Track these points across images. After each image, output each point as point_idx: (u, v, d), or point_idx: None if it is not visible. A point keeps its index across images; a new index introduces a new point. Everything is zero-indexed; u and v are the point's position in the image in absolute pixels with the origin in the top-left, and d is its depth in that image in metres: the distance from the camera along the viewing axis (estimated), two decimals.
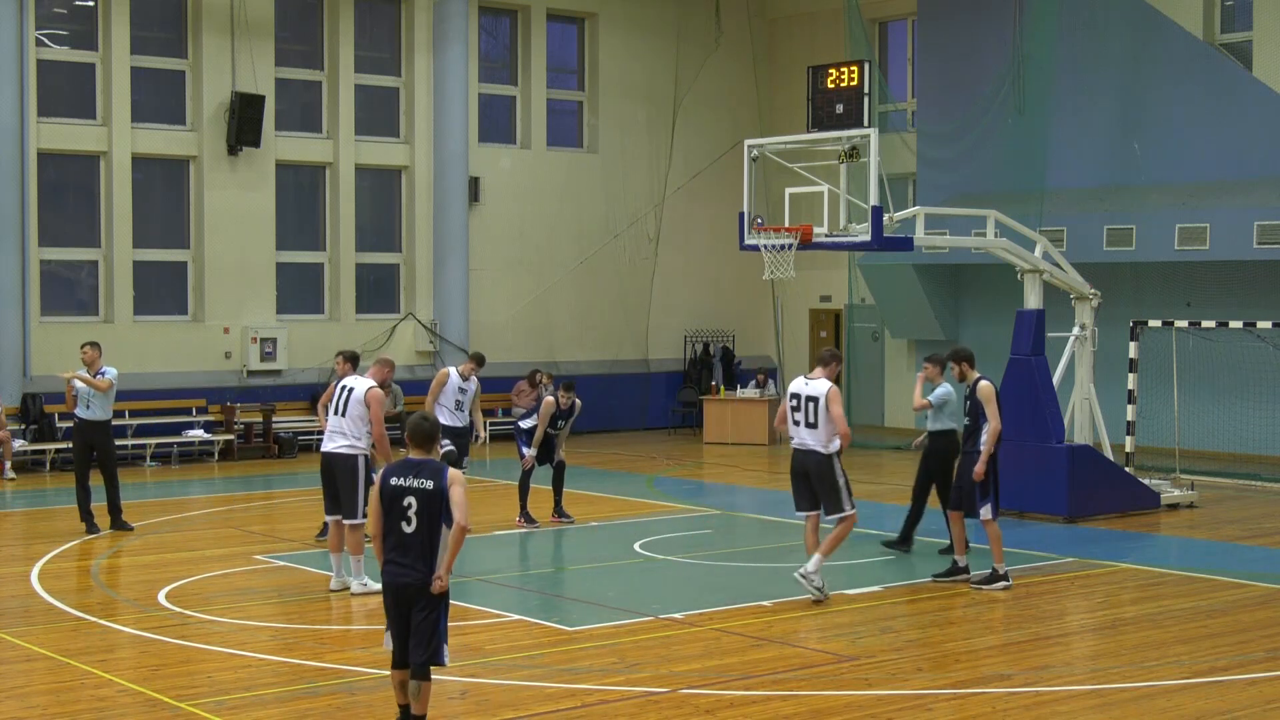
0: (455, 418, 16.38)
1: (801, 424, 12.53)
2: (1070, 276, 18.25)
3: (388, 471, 8.49)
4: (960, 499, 13.58)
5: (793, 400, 12.59)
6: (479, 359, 17.04)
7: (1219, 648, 11.14)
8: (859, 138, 16.07)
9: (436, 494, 8.29)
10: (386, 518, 8.38)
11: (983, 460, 13.25)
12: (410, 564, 8.31)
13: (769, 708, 9.48)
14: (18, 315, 22.73)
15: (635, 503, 19.21)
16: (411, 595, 8.35)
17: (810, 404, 12.48)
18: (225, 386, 24.63)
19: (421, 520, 8.31)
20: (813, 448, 12.54)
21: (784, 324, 29.83)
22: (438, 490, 8.30)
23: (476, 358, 17.06)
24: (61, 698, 9.74)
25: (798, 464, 12.68)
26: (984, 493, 13.31)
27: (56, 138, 23.61)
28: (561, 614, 12.40)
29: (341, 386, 13.17)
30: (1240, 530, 17.07)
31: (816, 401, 12.46)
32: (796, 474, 12.73)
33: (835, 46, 27.14)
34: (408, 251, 27.00)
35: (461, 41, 26.63)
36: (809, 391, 12.54)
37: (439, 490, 8.30)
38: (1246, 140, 22.83)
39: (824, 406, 12.44)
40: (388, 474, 8.46)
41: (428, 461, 8.42)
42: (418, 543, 8.31)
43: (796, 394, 12.60)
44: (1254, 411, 22.25)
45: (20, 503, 19.46)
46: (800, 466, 12.65)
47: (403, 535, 8.33)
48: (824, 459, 12.53)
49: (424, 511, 8.30)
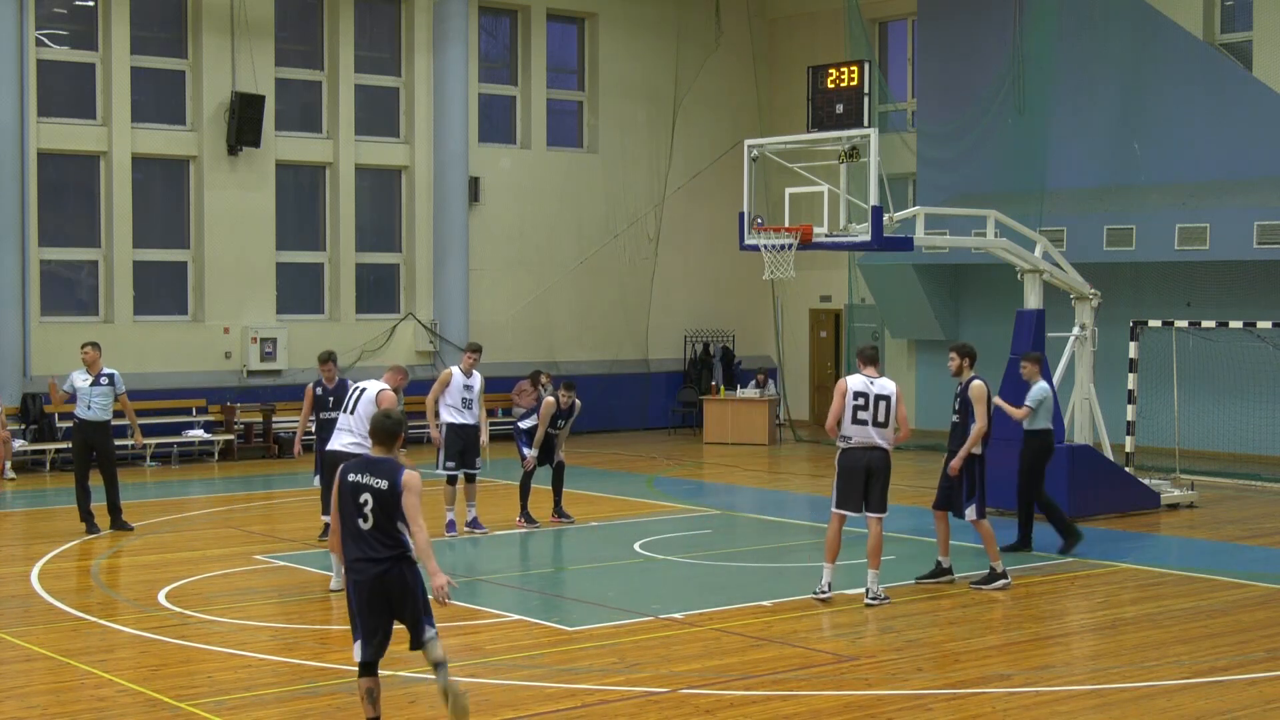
0: (464, 415, 16.23)
1: (870, 422, 12.51)
2: (1070, 276, 18.25)
3: (346, 468, 8.48)
4: (945, 498, 13.56)
5: (859, 399, 12.52)
6: (475, 348, 16.70)
7: (1219, 648, 11.14)
8: (859, 138, 16.07)
9: (391, 494, 8.26)
10: (343, 514, 8.38)
11: (959, 458, 13.25)
12: (372, 557, 8.27)
13: (769, 708, 9.48)
14: (18, 315, 22.73)
15: (635, 503, 19.21)
16: (388, 585, 8.30)
17: (881, 402, 12.51)
18: (225, 386, 24.63)
19: (377, 518, 8.28)
20: (882, 445, 12.59)
21: (784, 324, 29.83)
22: (392, 490, 8.26)
23: (473, 347, 16.74)
24: (61, 698, 9.74)
25: (860, 462, 12.57)
26: (969, 493, 13.31)
27: (56, 138, 23.62)
28: (561, 614, 12.40)
29: (356, 388, 13.23)
30: (1240, 530, 17.08)
31: (888, 400, 12.53)
32: (855, 471, 12.59)
33: (835, 46, 27.14)
34: (408, 251, 27.01)
35: (461, 41, 26.64)
36: (878, 390, 12.56)
37: (394, 490, 8.25)
38: (1246, 140, 22.83)
39: (894, 405, 12.55)
40: (346, 470, 8.46)
41: (386, 460, 8.38)
42: (374, 539, 8.29)
43: (863, 393, 12.54)
44: (1254, 411, 22.26)
45: (20, 503, 19.46)
46: (864, 464, 12.57)
47: (359, 531, 8.31)
48: (889, 456, 12.67)
49: (379, 509, 8.27)
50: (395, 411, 8.83)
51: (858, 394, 12.54)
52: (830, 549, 12.73)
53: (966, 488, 13.31)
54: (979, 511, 13.29)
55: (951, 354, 13.74)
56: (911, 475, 21.45)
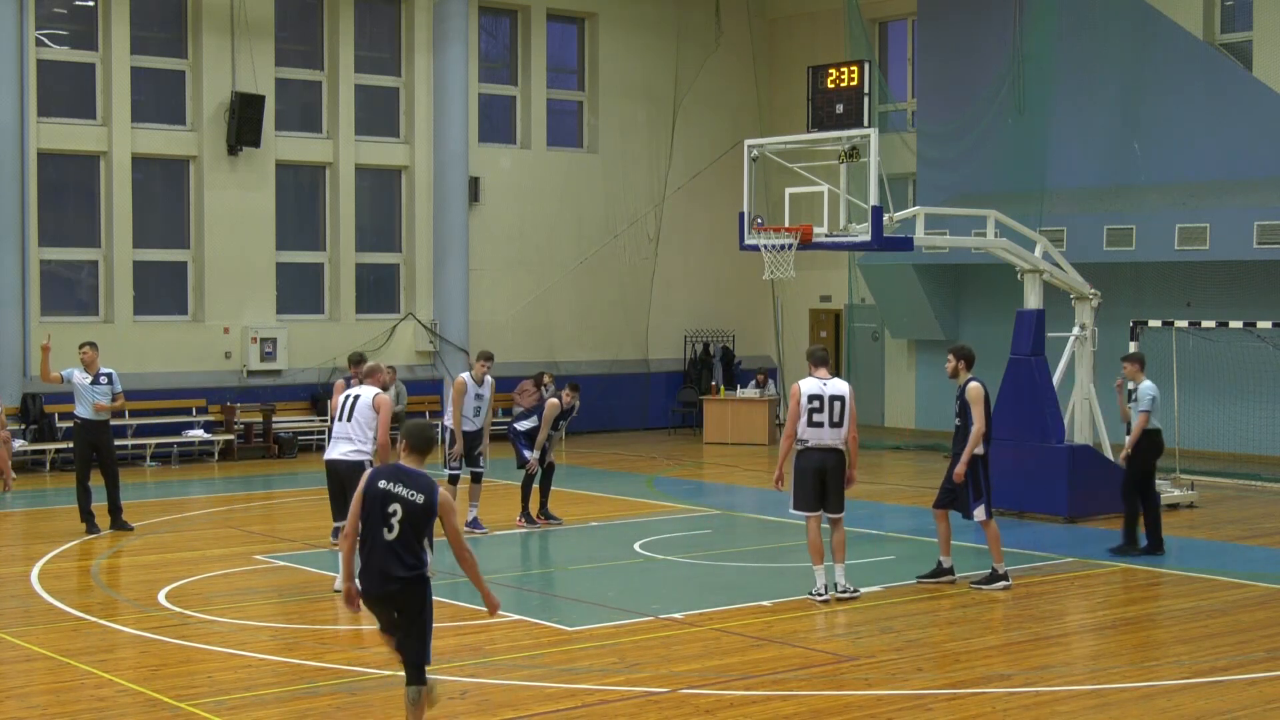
0: (473, 422, 16.21)
1: (826, 424, 12.61)
2: (1070, 276, 18.25)
3: (376, 474, 8.27)
4: (947, 498, 13.56)
5: (814, 402, 12.61)
6: (488, 356, 16.55)
7: (1219, 648, 11.13)
8: (859, 138, 16.07)
9: (426, 509, 8.08)
10: (366, 521, 8.13)
11: (963, 462, 13.23)
12: (388, 573, 8.07)
13: (769, 708, 9.48)
14: (18, 315, 22.72)
15: (635, 503, 19.21)
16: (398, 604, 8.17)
17: (836, 403, 12.62)
18: (225, 386, 24.63)
19: (404, 530, 8.07)
20: (838, 447, 12.69)
21: (784, 324, 29.83)
22: (428, 506, 8.08)
23: (485, 355, 16.59)
24: (61, 698, 9.74)
25: (817, 462, 12.65)
26: (976, 494, 13.30)
27: (56, 138, 23.61)
28: (561, 614, 12.39)
29: (349, 394, 13.15)
30: (1240, 530, 17.08)
31: (843, 400, 12.65)
32: (812, 472, 12.67)
33: (835, 46, 27.15)
34: (408, 251, 27.01)
35: (461, 41, 26.64)
36: (832, 391, 12.65)
37: (429, 506, 8.08)
38: (1246, 140, 22.82)
39: (848, 405, 12.65)
40: (376, 476, 8.24)
41: (420, 474, 8.19)
42: (396, 551, 8.08)
43: (817, 395, 12.62)
44: (1254, 411, 22.26)
45: (20, 503, 19.45)
46: (821, 464, 12.65)
47: (381, 540, 8.09)
48: (844, 457, 12.76)
49: (408, 522, 8.07)
50: (428, 427, 8.56)
51: (812, 397, 12.62)
52: (816, 551, 12.76)
53: (973, 489, 13.30)
54: (987, 511, 13.29)
55: (949, 356, 13.75)
56: (911, 475, 21.45)
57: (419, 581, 8.18)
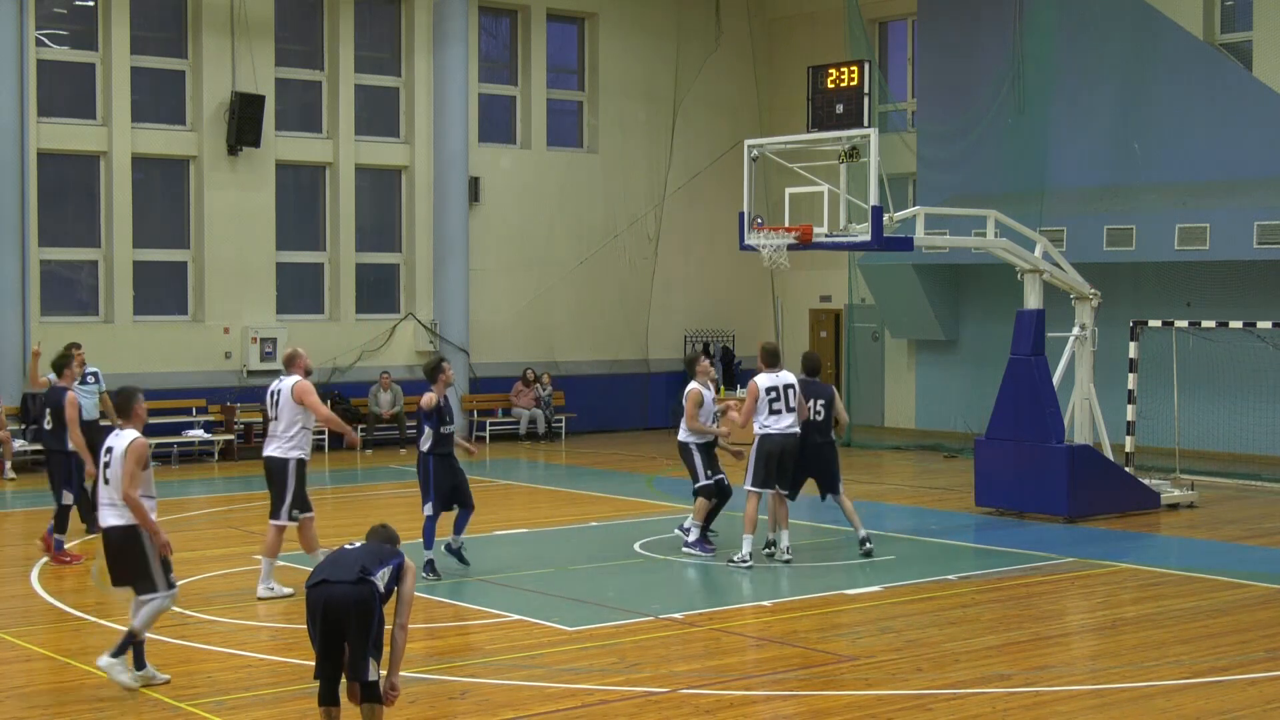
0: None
1: (783, 410, 14.18)
2: (1070, 276, 18.25)
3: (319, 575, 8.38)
4: (823, 485, 14.81)
5: (772, 393, 14.15)
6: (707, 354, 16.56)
7: (1219, 648, 11.13)
8: (859, 138, 16.07)
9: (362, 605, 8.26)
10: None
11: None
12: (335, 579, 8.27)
13: (769, 708, 9.48)
14: (18, 315, 22.72)
15: (635, 503, 19.20)
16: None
17: (789, 390, 14.23)
18: (225, 386, 24.62)
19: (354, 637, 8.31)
20: (796, 430, 14.26)
21: (784, 324, 29.82)
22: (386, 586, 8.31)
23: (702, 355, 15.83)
24: (61, 698, 9.74)
25: (778, 446, 14.17)
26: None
27: (56, 138, 23.61)
28: (561, 614, 12.38)
29: (273, 390, 13.13)
30: (1240, 530, 17.07)
31: (793, 388, 14.27)
32: (774, 455, 14.15)
33: (835, 46, 27.12)
34: (408, 251, 27.01)
35: (461, 41, 26.63)
36: (784, 381, 14.25)
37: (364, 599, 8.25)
38: (1246, 140, 22.81)
39: (797, 390, 14.27)
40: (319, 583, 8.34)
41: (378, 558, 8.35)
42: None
43: (773, 387, 14.17)
44: (1254, 411, 22.24)
45: (20, 503, 19.45)
46: (781, 447, 14.17)
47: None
48: (799, 440, 14.33)
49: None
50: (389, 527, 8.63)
51: (769, 389, 14.19)
52: (751, 522, 14.18)
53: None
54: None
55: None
56: (911, 475, 21.44)
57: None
